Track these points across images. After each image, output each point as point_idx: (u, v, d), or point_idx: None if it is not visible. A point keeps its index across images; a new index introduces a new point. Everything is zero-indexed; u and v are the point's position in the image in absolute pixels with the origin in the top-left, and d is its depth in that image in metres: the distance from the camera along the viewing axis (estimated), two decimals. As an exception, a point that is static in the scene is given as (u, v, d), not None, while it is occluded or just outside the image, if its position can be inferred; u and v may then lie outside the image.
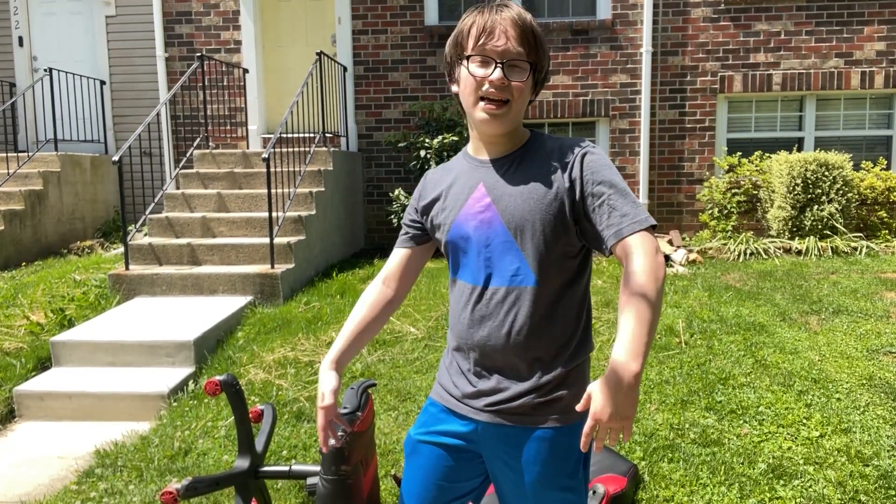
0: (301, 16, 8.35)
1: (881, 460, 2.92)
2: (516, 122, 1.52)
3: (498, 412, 1.53)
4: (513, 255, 1.48)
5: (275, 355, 4.43)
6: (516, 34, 1.44)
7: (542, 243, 1.46)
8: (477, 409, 1.55)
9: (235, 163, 7.11)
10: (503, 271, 1.49)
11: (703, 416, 3.37)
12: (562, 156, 1.49)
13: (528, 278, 1.48)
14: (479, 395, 1.55)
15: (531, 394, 1.50)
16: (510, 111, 1.47)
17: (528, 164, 1.51)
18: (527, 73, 1.46)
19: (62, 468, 3.54)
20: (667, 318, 4.75)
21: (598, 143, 8.04)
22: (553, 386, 1.50)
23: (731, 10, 7.69)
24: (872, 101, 7.87)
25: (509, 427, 1.52)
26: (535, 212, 1.46)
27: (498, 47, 1.44)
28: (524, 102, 1.50)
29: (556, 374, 1.50)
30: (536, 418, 1.51)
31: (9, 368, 4.44)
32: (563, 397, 1.50)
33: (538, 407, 1.50)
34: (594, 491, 2.54)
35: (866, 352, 4.02)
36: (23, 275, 6.56)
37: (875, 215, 7.18)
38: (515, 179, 1.50)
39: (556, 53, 7.87)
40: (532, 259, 1.47)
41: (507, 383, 1.52)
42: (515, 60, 1.45)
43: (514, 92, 1.46)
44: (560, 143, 1.52)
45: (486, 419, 1.54)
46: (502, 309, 1.50)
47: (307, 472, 2.57)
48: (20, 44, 8.69)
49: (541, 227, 1.46)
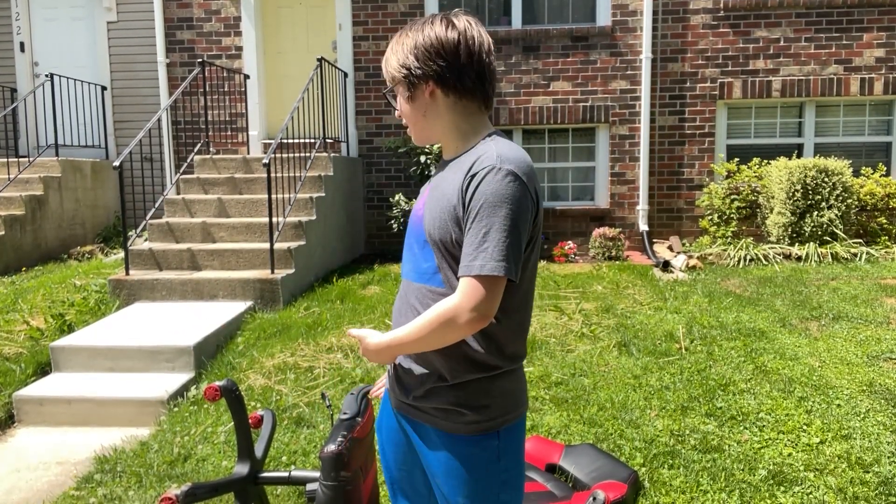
0: (302, 22, 8.38)
1: (881, 466, 2.91)
2: (430, 133, 1.61)
3: (401, 403, 1.61)
4: (427, 255, 1.54)
5: (275, 361, 4.43)
6: (386, 63, 1.60)
7: (444, 248, 1.49)
8: (391, 394, 1.65)
9: (236, 168, 7.12)
10: (419, 268, 1.56)
11: (703, 422, 3.37)
12: (468, 170, 1.47)
13: (435, 279, 1.52)
14: (392, 383, 1.64)
15: (426, 397, 1.54)
16: (413, 132, 1.63)
17: (450, 171, 1.55)
18: (400, 95, 1.58)
19: (61, 474, 3.53)
20: (667, 324, 4.75)
21: (598, 149, 8.06)
22: (451, 394, 1.51)
23: (731, 16, 7.72)
24: (872, 107, 7.88)
25: (411, 422, 1.61)
26: (437, 218, 1.50)
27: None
28: (420, 115, 1.58)
29: (453, 382, 1.51)
30: (437, 420, 1.54)
31: (8, 374, 4.44)
32: (462, 406, 1.51)
33: (439, 410, 1.53)
34: (594, 497, 2.53)
35: (866, 358, 4.02)
36: (23, 280, 6.56)
37: (875, 221, 7.19)
38: (441, 184, 1.55)
39: (556, 60, 7.89)
40: (441, 263, 1.51)
41: (408, 378, 1.58)
42: (390, 88, 1.61)
43: (404, 116, 1.61)
44: (477, 157, 1.47)
45: (395, 407, 1.64)
46: (411, 303, 1.56)
47: (307, 477, 2.57)
48: (21, 49, 8.72)
49: (438, 235, 1.49)
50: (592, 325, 4.84)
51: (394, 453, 1.72)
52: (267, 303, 5.51)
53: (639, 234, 7.86)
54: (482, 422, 1.51)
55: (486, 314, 1.41)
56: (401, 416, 1.64)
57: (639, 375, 3.95)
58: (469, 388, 1.51)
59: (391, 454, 1.73)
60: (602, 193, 8.09)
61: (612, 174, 7.97)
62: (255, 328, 5.05)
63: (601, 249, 7.28)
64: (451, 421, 1.52)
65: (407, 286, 1.60)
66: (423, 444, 1.59)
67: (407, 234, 1.64)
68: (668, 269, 6.65)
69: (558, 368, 4.11)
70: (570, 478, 2.84)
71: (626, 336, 4.57)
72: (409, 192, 7.94)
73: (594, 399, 3.67)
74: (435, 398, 1.53)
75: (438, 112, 1.56)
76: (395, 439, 1.70)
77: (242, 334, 4.99)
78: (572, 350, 4.42)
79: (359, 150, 8.18)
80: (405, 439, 1.68)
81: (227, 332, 4.98)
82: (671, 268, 6.66)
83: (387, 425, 1.73)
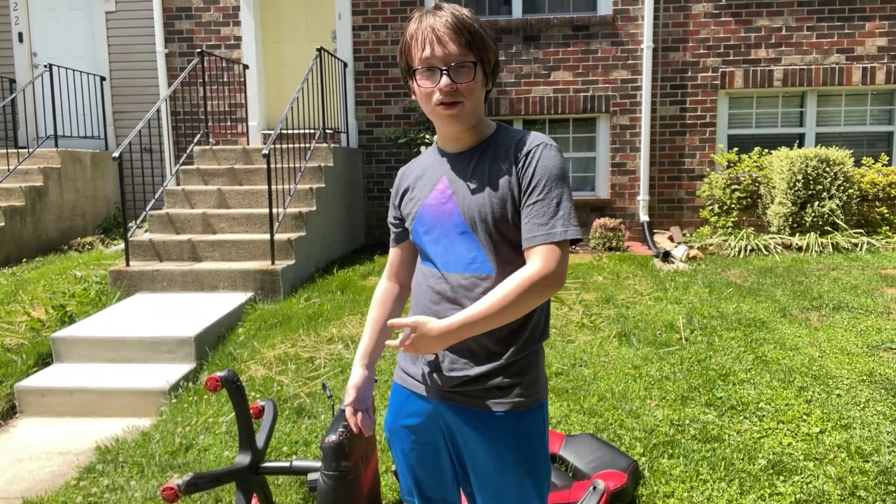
0: (301, 12, 8.34)
1: (881, 456, 2.92)
2: (474, 118, 1.59)
3: (452, 392, 1.60)
4: (470, 244, 1.55)
5: (275, 351, 4.43)
6: (454, 37, 1.50)
7: (496, 234, 1.54)
8: (433, 388, 1.63)
9: (236, 159, 7.10)
10: (460, 259, 1.56)
11: (703, 412, 3.37)
12: (516, 151, 1.54)
13: (484, 266, 1.55)
14: (434, 374, 1.62)
15: (483, 378, 1.56)
16: (464, 109, 1.55)
17: (486, 158, 1.58)
18: (472, 71, 1.53)
19: (63, 464, 3.54)
20: (667, 315, 4.75)
21: (598, 139, 8.04)
22: (504, 372, 1.56)
23: (733, 5, 7.67)
24: (873, 97, 7.85)
25: (464, 409, 1.59)
26: (487, 204, 1.53)
27: (439, 55, 1.51)
28: (477, 98, 1.57)
29: (507, 361, 1.56)
30: (488, 402, 1.56)
31: (10, 365, 4.45)
32: (514, 384, 1.56)
33: (490, 391, 1.56)
34: (594, 487, 2.54)
35: (867, 348, 4.02)
36: (23, 271, 6.57)
37: (876, 211, 7.18)
38: (474, 172, 1.57)
39: (557, 49, 7.86)
40: (487, 249, 1.54)
41: (461, 365, 1.58)
42: (459, 63, 1.51)
43: (464, 93, 1.53)
44: (518, 138, 1.57)
45: (439, 398, 1.62)
46: (457, 294, 1.56)
47: (308, 467, 2.58)
48: (20, 40, 8.68)
49: (492, 219, 1.53)
50: (593, 315, 4.84)
51: (419, 453, 1.70)
52: (267, 294, 5.51)
53: (639, 224, 7.85)
54: (531, 395, 1.58)
55: (563, 278, 1.49)
56: (446, 406, 1.61)
57: (639, 365, 3.96)
58: (521, 364, 1.57)
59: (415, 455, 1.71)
60: (602, 184, 8.07)
61: (613, 164, 7.95)
62: (256, 319, 5.05)
63: (601, 240, 7.27)
64: (505, 398, 1.56)
65: (441, 280, 1.59)
66: (474, 429, 1.58)
67: (426, 230, 1.62)
68: (668, 259, 6.65)
69: (559, 359, 4.11)
70: (570, 467, 2.85)
71: (627, 326, 4.57)
72: (410, 183, 7.93)
73: (594, 389, 3.68)
74: (487, 378, 1.56)
75: (480, 96, 1.59)
76: (421, 438, 1.68)
77: (243, 325, 5.00)
78: (573, 340, 4.43)
79: (359, 140, 8.16)
80: (436, 434, 1.66)
81: (227, 322, 4.98)
82: (672, 258, 6.66)
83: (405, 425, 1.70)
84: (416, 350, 1.52)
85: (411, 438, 1.70)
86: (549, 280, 1.47)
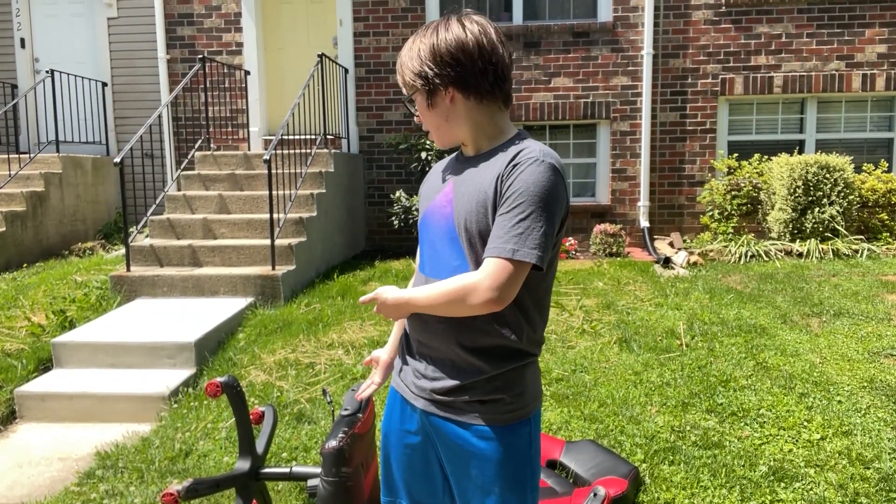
0: (302, 18, 8.37)
1: (882, 463, 2.91)
2: (454, 136, 1.59)
3: (432, 401, 1.58)
4: (456, 250, 1.53)
5: (276, 357, 4.43)
6: (401, 71, 1.57)
7: (479, 242, 1.49)
8: (415, 393, 1.62)
9: (237, 164, 7.12)
10: (447, 264, 1.55)
11: (704, 418, 3.37)
12: (509, 161, 1.48)
13: None
14: (418, 379, 1.61)
15: (464, 390, 1.54)
16: (435, 134, 1.60)
17: (485, 164, 1.54)
18: (419, 101, 1.56)
19: (63, 469, 3.54)
20: (668, 321, 4.75)
21: (599, 145, 8.05)
22: (487, 385, 1.53)
23: (733, 12, 7.69)
24: (873, 103, 7.87)
25: (443, 419, 1.57)
26: (472, 212, 1.50)
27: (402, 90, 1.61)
28: (441, 121, 1.57)
29: (489, 374, 1.52)
30: (470, 415, 1.54)
31: (10, 370, 4.45)
32: (496, 399, 1.53)
33: (472, 404, 1.53)
34: (595, 493, 2.53)
35: (867, 354, 4.02)
36: (24, 276, 6.57)
37: (876, 218, 7.18)
38: (472, 178, 1.54)
39: (557, 55, 7.88)
40: (470, 258, 1.51)
41: (441, 374, 1.56)
42: (408, 96, 1.59)
43: (423, 120, 1.60)
44: (518, 149, 1.50)
45: (423, 406, 1.60)
46: None
47: (308, 473, 2.58)
48: (22, 45, 8.71)
49: (475, 227, 1.49)
50: (593, 321, 4.84)
51: (409, 459, 1.68)
52: (268, 299, 5.51)
53: (640, 230, 7.85)
54: (518, 409, 1.54)
55: (504, 298, 1.42)
56: (428, 415, 1.60)
57: (639, 372, 3.95)
58: (507, 377, 1.54)
59: (405, 462, 1.69)
60: (603, 190, 8.08)
61: (613, 170, 7.96)
62: (256, 324, 5.05)
63: (602, 246, 7.27)
64: (490, 411, 1.53)
65: (421, 280, 1.62)
66: (455, 441, 1.56)
67: (426, 232, 1.62)
68: (668, 265, 6.65)
69: (559, 364, 4.11)
70: (570, 474, 2.85)
71: (627, 332, 4.57)
72: (410, 189, 7.93)
73: (595, 395, 3.67)
74: (473, 391, 1.53)
75: (460, 115, 1.55)
76: (413, 444, 1.67)
77: (243, 330, 5.00)
78: (573, 346, 4.43)
79: (359, 146, 8.17)
80: (426, 442, 1.65)
81: (228, 328, 4.98)
82: (672, 264, 6.66)
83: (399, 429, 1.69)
84: (385, 314, 1.59)
85: (403, 443, 1.69)
86: (483, 294, 1.41)
